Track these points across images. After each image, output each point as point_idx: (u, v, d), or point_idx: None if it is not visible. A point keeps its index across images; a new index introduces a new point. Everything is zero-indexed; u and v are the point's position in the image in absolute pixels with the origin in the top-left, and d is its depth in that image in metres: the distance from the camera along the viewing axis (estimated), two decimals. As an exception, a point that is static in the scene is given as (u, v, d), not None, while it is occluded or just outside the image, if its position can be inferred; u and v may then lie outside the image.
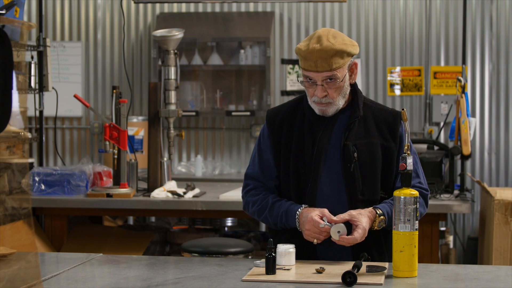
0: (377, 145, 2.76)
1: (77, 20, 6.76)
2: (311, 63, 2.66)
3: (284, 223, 2.75)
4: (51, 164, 6.72)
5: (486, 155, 6.42)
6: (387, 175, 2.75)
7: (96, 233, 5.01)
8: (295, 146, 2.78)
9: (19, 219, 3.05)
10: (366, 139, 2.75)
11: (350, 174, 2.72)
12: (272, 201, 2.79)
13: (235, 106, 6.49)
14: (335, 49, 2.65)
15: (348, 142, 2.73)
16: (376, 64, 6.53)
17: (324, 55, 2.64)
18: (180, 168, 6.42)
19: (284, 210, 2.74)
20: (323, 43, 2.64)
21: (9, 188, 3.74)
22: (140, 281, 2.44)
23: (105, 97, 6.76)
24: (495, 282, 2.43)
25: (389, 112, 2.83)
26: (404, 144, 2.68)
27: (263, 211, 2.81)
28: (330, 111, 2.75)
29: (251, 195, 2.87)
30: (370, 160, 2.74)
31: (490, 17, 6.39)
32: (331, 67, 2.66)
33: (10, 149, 4.38)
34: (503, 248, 4.20)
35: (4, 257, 2.73)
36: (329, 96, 2.71)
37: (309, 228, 2.65)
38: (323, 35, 2.67)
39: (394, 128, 2.78)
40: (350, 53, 2.70)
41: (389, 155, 2.76)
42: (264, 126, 2.89)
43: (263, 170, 2.85)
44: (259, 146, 2.88)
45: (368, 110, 2.80)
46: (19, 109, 3.44)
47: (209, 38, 6.41)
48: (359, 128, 2.76)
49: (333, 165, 2.75)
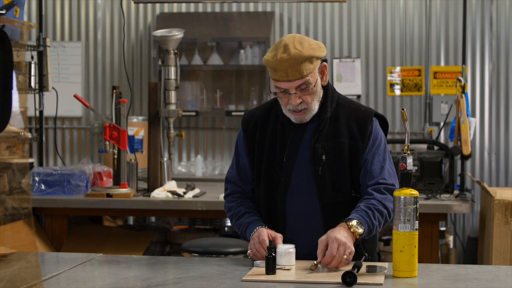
0: (344, 145, 2.73)
1: (77, 20, 6.76)
2: (282, 73, 2.63)
3: (243, 233, 2.78)
4: (51, 164, 6.72)
5: (486, 155, 6.42)
6: (356, 175, 2.73)
7: (96, 233, 5.01)
8: (268, 149, 2.79)
9: (19, 219, 3.06)
10: (334, 140, 2.73)
11: (319, 177, 2.70)
12: (243, 211, 2.82)
13: (235, 106, 6.49)
14: (304, 56, 2.61)
15: (317, 145, 2.72)
16: (376, 64, 6.53)
17: (293, 63, 2.61)
18: (180, 168, 6.42)
19: (248, 221, 2.76)
20: (291, 52, 2.61)
21: (9, 188, 3.74)
22: (140, 281, 2.44)
23: (105, 97, 6.76)
24: (495, 282, 2.43)
25: (361, 111, 2.78)
26: (371, 142, 2.70)
27: (233, 218, 2.85)
28: (306, 118, 2.73)
29: (227, 201, 2.91)
30: (338, 161, 2.72)
31: (490, 17, 6.39)
32: (302, 75, 2.63)
33: (10, 149, 4.38)
34: (503, 248, 4.20)
35: (5, 257, 2.73)
36: (304, 102, 2.69)
37: (254, 237, 2.66)
38: (289, 43, 2.63)
39: (364, 127, 2.74)
40: (318, 57, 2.66)
41: (356, 155, 2.73)
42: (240, 130, 2.90)
43: (239, 174, 2.88)
44: (236, 150, 2.90)
45: (340, 110, 2.77)
46: (19, 109, 3.44)
47: (209, 38, 6.41)
48: (329, 129, 2.74)
49: (303, 167, 2.74)
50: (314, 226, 2.72)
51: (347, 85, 6.34)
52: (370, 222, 2.63)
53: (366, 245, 2.76)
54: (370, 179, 2.72)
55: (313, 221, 2.73)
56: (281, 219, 2.76)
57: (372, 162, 2.73)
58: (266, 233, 2.65)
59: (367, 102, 6.45)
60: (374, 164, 2.72)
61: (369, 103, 6.43)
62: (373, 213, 2.64)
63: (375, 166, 2.72)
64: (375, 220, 2.64)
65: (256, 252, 2.63)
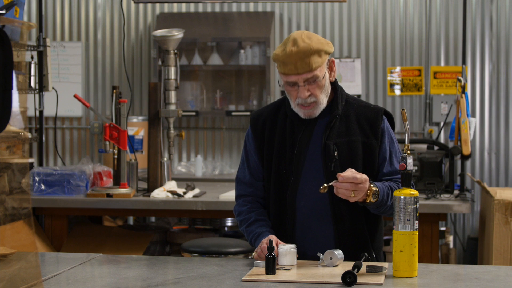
0: (357, 143, 2.75)
1: (77, 20, 6.76)
2: (291, 66, 2.66)
3: (252, 242, 2.79)
4: (51, 164, 6.72)
5: (486, 155, 6.42)
6: (369, 172, 2.73)
7: (96, 233, 5.01)
8: (277, 147, 2.80)
9: (19, 219, 3.05)
10: (347, 137, 2.75)
11: (331, 173, 2.71)
12: (253, 218, 2.82)
13: (235, 106, 6.49)
14: (313, 48, 2.65)
15: (328, 141, 2.74)
16: (376, 64, 6.53)
17: (303, 56, 2.65)
18: (180, 168, 6.42)
19: (259, 231, 2.77)
20: (300, 45, 2.65)
21: (9, 188, 3.74)
22: (140, 281, 2.44)
23: (105, 97, 6.76)
24: (495, 282, 2.43)
25: (371, 109, 2.82)
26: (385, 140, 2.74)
27: (242, 224, 2.86)
28: (315, 113, 2.75)
29: (238, 204, 2.91)
30: (350, 158, 2.74)
31: (490, 17, 6.39)
32: (311, 67, 2.66)
33: (10, 149, 4.38)
34: (503, 248, 4.20)
35: (4, 257, 2.73)
36: (312, 95, 2.71)
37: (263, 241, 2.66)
38: (298, 38, 2.67)
39: (376, 125, 2.77)
40: (327, 51, 2.70)
41: (370, 152, 2.76)
42: (248, 129, 2.91)
43: (251, 172, 2.89)
44: (245, 149, 2.91)
45: (350, 108, 2.81)
46: (19, 109, 3.44)
47: (209, 38, 6.41)
48: (340, 127, 2.77)
49: (314, 164, 2.76)
50: (324, 224, 2.74)
51: (347, 85, 6.33)
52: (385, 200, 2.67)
53: (374, 244, 2.78)
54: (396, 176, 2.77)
55: (323, 218, 2.74)
56: (291, 216, 2.77)
57: (392, 161, 2.78)
58: (275, 240, 2.65)
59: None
60: (394, 164, 2.78)
61: (369, 103, 6.43)
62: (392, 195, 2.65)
63: (395, 165, 2.78)
64: (389, 201, 2.69)
65: (260, 253, 2.64)
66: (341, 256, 2.59)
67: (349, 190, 2.56)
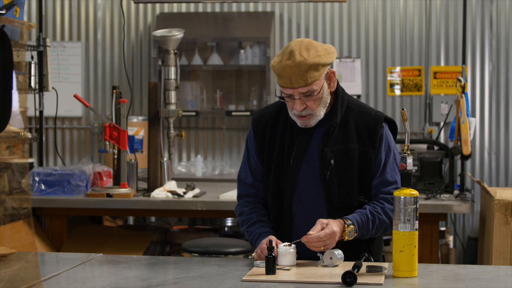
0: (354, 151, 2.72)
1: (77, 20, 6.76)
2: (286, 80, 2.62)
3: (253, 243, 2.79)
4: (51, 164, 6.72)
5: (486, 155, 6.42)
6: (365, 181, 2.73)
7: (96, 233, 5.01)
8: (277, 150, 2.79)
9: (19, 219, 3.05)
10: (344, 145, 2.72)
11: (327, 181, 2.70)
12: (255, 219, 2.81)
13: (235, 106, 6.49)
14: (308, 64, 2.59)
15: (326, 149, 2.72)
16: (376, 64, 6.53)
17: (298, 71, 2.59)
18: (180, 168, 6.42)
19: (260, 232, 2.76)
20: (296, 59, 2.58)
21: (9, 188, 3.74)
22: (140, 281, 2.44)
23: (105, 97, 6.76)
24: (495, 282, 2.43)
25: (371, 115, 2.77)
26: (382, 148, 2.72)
27: (244, 224, 2.85)
28: (312, 123, 2.72)
29: (240, 204, 2.91)
30: (347, 167, 2.71)
31: (490, 17, 6.39)
32: (306, 82, 2.61)
33: (10, 149, 4.38)
34: (503, 248, 4.20)
35: (4, 257, 2.73)
36: (308, 108, 2.68)
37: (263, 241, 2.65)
38: (295, 50, 2.60)
39: (374, 133, 2.73)
40: (325, 64, 2.63)
41: (366, 161, 2.73)
42: (250, 129, 2.90)
43: (252, 172, 2.88)
44: (247, 149, 2.90)
45: (350, 114, 2.76)
46: (19, 109, 3.44)
47: (209, 38, 6.42)
48: (338, 134, 2.74)
49: (311, 171, 2.74)
50: None
51: (347, 85, 6.33)
52: (366, 231, 2.67)
53: (372, 247, 2.78)
54: (384, 186, 2.73)
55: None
56: (288, 220, 2.77)
57: (385, 170, 2.74)
58: (275, 240, 2.65)
59: (367, 102, 6.45)
60: (387, 173, 2.74)
61: (369, 103, 6.42)
62: (374, 222, 2.67)
63: (388, 175, 2.74)
64: (372, 229, 2.68)
65: (260, 253, 2.64)
66: (341, 256, 2.59)
67: (319, 245, 2.55)
